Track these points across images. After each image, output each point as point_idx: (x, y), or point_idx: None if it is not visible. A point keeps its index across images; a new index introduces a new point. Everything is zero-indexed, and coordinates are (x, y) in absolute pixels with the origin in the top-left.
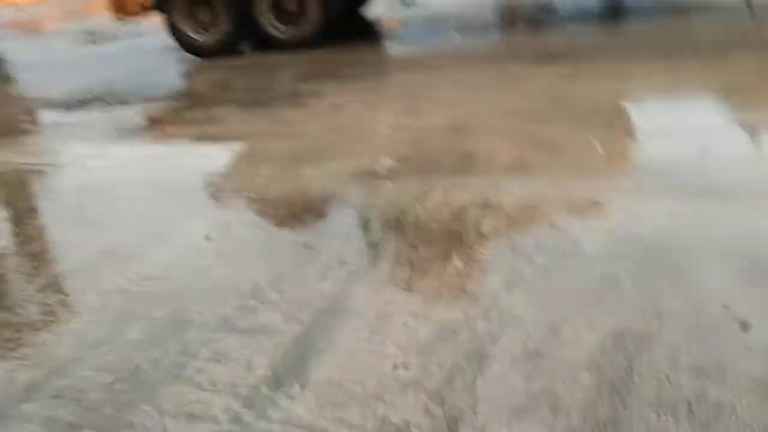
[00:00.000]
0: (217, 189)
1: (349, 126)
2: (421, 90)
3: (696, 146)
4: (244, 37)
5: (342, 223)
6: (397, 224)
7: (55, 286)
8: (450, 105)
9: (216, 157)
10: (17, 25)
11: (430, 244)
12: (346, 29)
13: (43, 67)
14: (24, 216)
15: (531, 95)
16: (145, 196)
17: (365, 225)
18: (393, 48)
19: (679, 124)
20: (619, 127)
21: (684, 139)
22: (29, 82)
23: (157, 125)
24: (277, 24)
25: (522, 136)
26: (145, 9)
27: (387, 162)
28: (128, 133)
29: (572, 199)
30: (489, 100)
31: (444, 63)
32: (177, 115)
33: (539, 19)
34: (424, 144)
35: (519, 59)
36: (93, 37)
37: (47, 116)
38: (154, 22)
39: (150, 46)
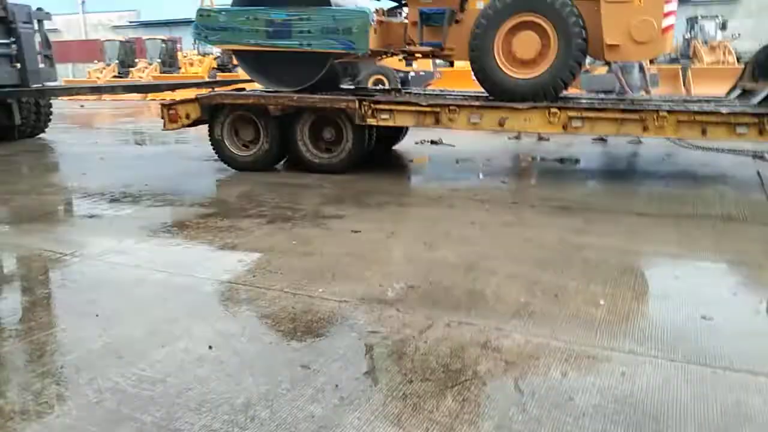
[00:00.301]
0: (228, 297)
1: (365, 251)
2: (437, 225)
3: (698, 313)
4: (281, 157)
5: (343, 346)
6: (396, 354)
7: (55, 376)
8: (463, 243)
9: (233, 266)
10: (75, 119)
11: (426, 379)
12: (376, 160)
13: (90, 161)
14: (38, 303)
15: (542, 243)
16: (159, 296)
17: (365, 351)
18: (417, 183)
19: (683, 290)
20: (625, 284)
21: (687, 305)
22: (73, 174)
23: (183, 228)
24: (313, 150)
25: (529, 282)
26: (193, 121)
27: (395, 290)
28: (155, 232)
29: (571, 351)
30: (501, 243)
31: (463, 202)
32: (204, 222)
33: (558, 169)
34: (433, 276)
35: (534, 207)
36: (141, 138)
37: (83, 207)
38: (200, 132)
39: (192, 154)
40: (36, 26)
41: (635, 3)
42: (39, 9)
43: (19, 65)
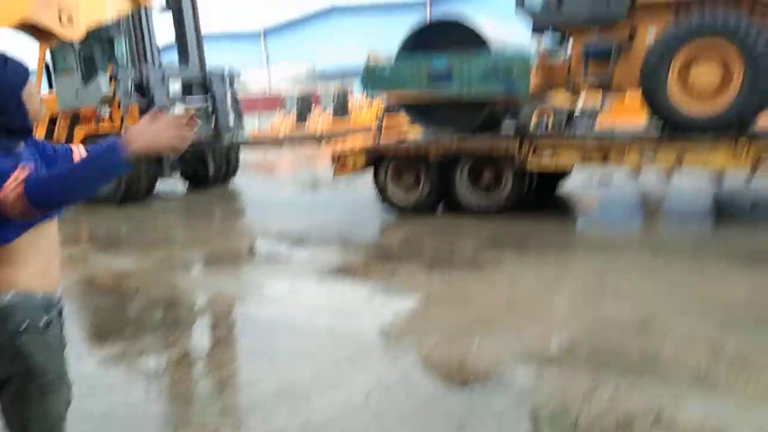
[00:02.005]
0: (388, 345)
1: (523, 301)
2: (605, 275)
3: None
4: (441, 199)
5: (499, 404)
6: (556, 421)
7: (230, 415)
8: (634, 296)
9: (393, 312)
10: (260, 167)
11: None
12: (538, 201)
13: (272, 206)
14: (222, 341)
15: (729, 301)
16: (326, 340)
17: (523, 414)
18: (582, 226)
19: None
20: None
21: None
22: (256, 218)
23: (350, 273)
24: (472, 193)
25: (712, 345)
26: (360, 168)
27: (556, 347)
28: (325, 276)
29: (762, 430)
30: (679, 298)
31: (634, 250)
32: (368, 266)
33: (753, 214)
34: (600, 334)
35: (721, 257)
36: (314, 184)
37: (263, 250)
38: (366, 178)
39: (359, 198)
40: (228, 85)
41: None
42: (231, 71)
43: (214, 121)
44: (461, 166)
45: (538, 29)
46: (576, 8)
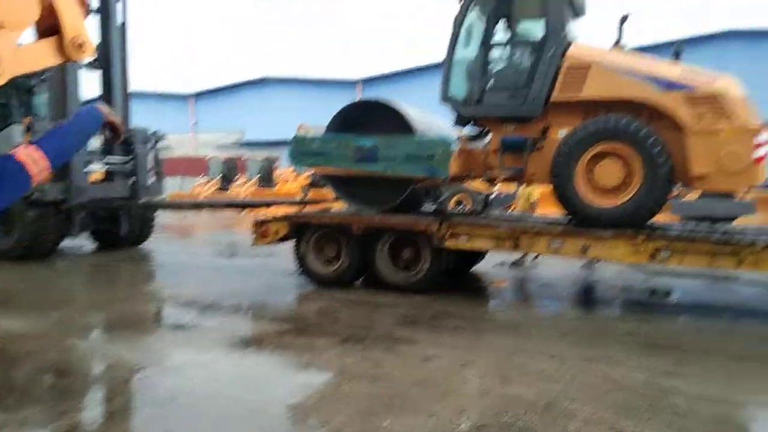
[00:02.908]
0: (295, 422)
1: (435, 381)
2: (514, 356)
3: None
4: (361, 274)
5: None
6: None
7: None
8: (541, 378)
9: (303, 387)
10: (177, 229)
11: None
12: (455, 280)
13: (185, 270)
14: (115, 415)
15: (627, 384)
16: (229, 416)
17: None
18: (494, 307)
19: None
20: None
21: None
22: (167, 282)
23: (261, 344)
24: (391, 268)
25: (610, 430)
26: (281, 237)
27: (466, 427)
28: (234, 346)
29: None
30: (582, 381)
31: (542, 332)
32: (281, 338)
33: (647, 301)
34: (509, 413)
35: (619, 342)
36: (232, 251)
37: (171, 317)
38: (286, 247)
39: (278, 268)
40: (151, 146)
41: (723, 134)
42: (155, 132)
43: (132, 181)
44: (382, 241)
45: (460, 121)
46: (494, 104)
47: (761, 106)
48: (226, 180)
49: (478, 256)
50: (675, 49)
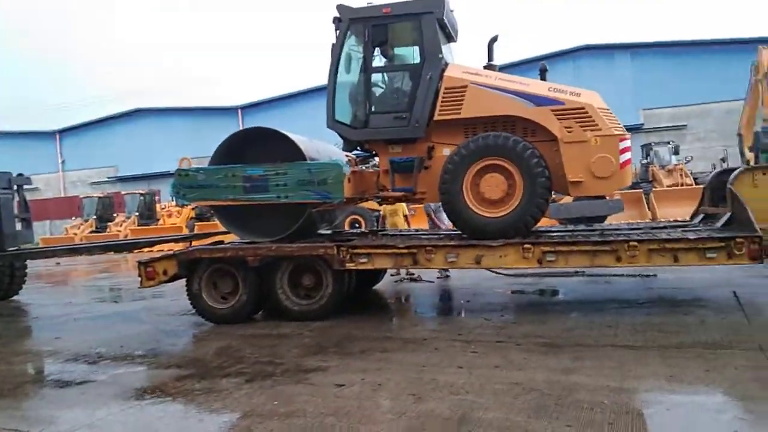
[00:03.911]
0: None
1: (350, 408)
2: (424, 372)
3: None
4: (260, 306)
5: None
6: None
7: None
8: (453, 391)
9: None
10: (51, 278)
11: None
12: (356, 301)
13: (64, 322)
14: None
15: (533, 386)
16: None
17: None
18: (398, 324)
19: None
20: (621, 430)
21: None
22: (45, 337)
23: (158, 394)
24: (292, 297)
25: None
26: (171, 276)
27: None
28: (128, 400)
29: None
30: (491, 389)
31: (447, 344)
32: (180, 385)
33: (538, 302)
34: (425, 431)
35: (520, 345)
36: (116, 296)
37: (54, 375)
38: (177, 286)
39: (169, 309)
40: (15, 190)
41: (592, 142)
42: (20, 175)
43: None
44: (281, 271)
45: (348, 145)
46: (380, 127)
47: (616, 115)
48: (103, 219)
49: (378, 274)
50: (540, 68)
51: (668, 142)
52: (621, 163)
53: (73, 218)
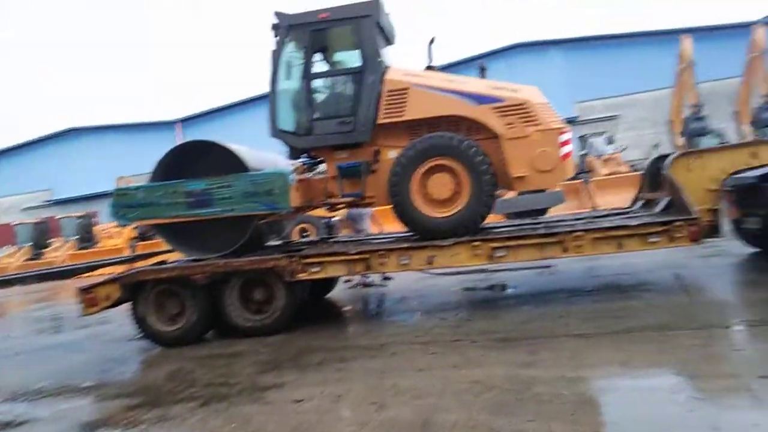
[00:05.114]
0: None
1: (311, 424)
2: (384, 379)
3: None
4: (211, 325)
5: None
6: None
7: None
8: (414, 396)
9: None
10: None
11: None
12: (310, 312)
13: (1, 357)
14: None
15: (492, 384)
16: None
17: None
18: (355, 332)
19: (641, 416)
20: (584, 419)
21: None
22: None
23: (110, 425)
24: (244, 313)
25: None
26: (114, 301)
27: None
28: None
29: None
30: (452, 389)
31: (406, 348)
32: (130, 415)
33: (490, 298)
34: None
35: (476, 343)
36: (58, 325)
37: None
38: (123, 309)
39: (114, 335)
40: None
41: (532, 137)
42: None
43: None
44: (230, 287)
45: (293, 153)
46: (324, 134)
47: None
48: (39, 246)
49: (331, 282)
50: (479, 66)
51: (602, 133)
52: (562, 156)
53: (7, 247)
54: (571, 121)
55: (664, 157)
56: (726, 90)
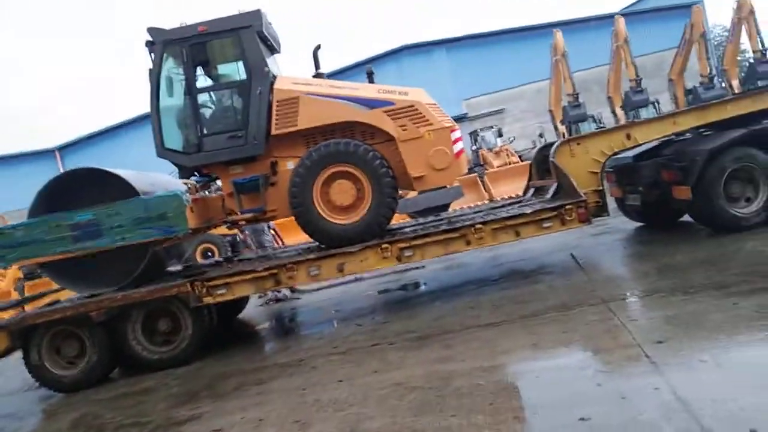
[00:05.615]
0: None
1: None
2: (306, 395)
3: (574, 416)
4: (115, 364)
5: None
6: None
7: None
8: (337, 408)
9: None
10: None
11: None
12: (222, 336)
13: None
14: None
15: (413, 384)
16: None
17: None
18: (271, 350)
19: (555, 395)
20: (503, 406)
21: (563, 409)
22: None
23: None
24: (150, 346)
25: None
26: (3, 352)
27: None
28: None
29: None
30: (374, 395)
31: (324, 359)
32: None
33: (404, 297)
34: None
35: (394, 344)
36: None
37: None
38: (12, 359)
39: (8, 387)
40: None
41: (426, 137)
42: None
43: None
44: (132, 320)
45: (185, 172)
46: (215, 150)
47: (442, 108)
48: None
49: (241, 302)
50: (367, 71)
51: (491, 127)
52: (455, 153)
53: None
54: (460, 119)
55: (549, 145)
56: (597, 78)
